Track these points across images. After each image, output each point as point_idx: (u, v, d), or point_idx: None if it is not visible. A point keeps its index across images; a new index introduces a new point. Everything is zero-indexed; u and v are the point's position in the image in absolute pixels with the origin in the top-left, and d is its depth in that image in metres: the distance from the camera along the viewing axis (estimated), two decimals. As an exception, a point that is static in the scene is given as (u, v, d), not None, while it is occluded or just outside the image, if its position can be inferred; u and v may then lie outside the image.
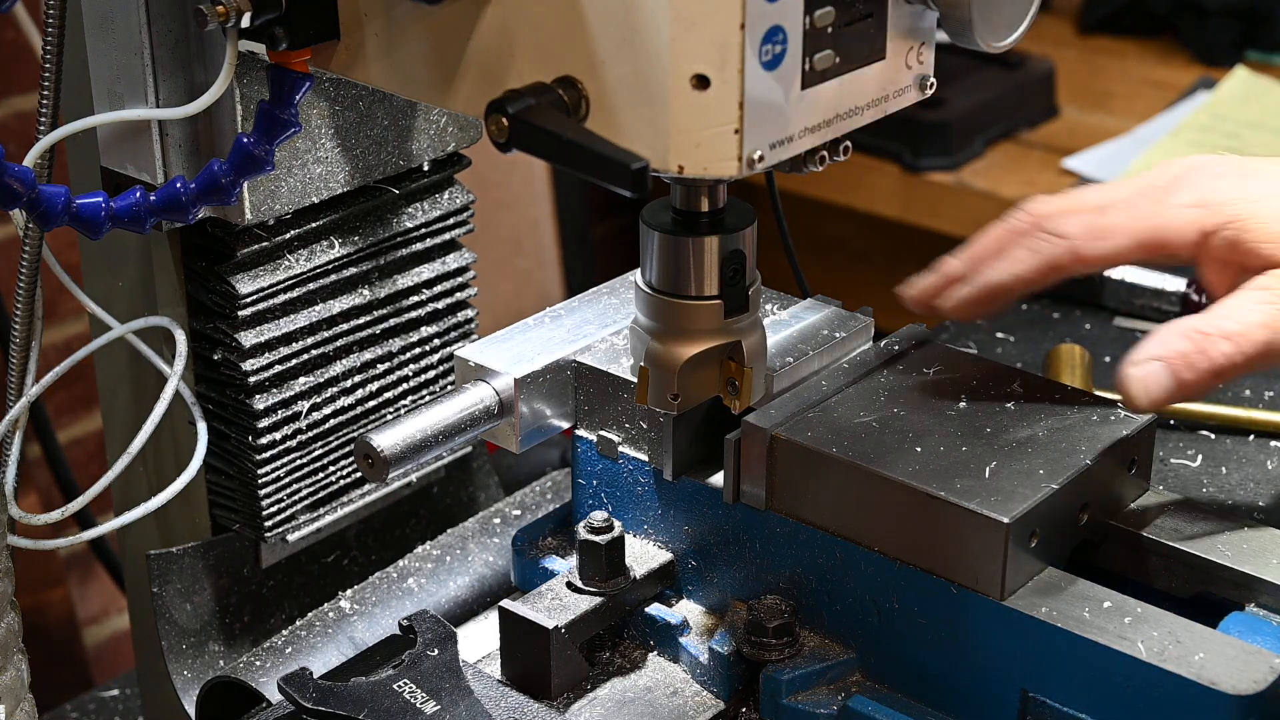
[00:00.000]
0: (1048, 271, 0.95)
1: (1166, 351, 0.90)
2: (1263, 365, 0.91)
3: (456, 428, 0.97)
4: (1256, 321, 0.90)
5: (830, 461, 0.94)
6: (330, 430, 1.10)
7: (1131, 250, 0.93)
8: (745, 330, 0.94)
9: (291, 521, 1.10)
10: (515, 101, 0.81)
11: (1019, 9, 0.89)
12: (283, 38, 0.89)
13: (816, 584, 0.97)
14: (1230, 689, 0.84)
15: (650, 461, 1.01)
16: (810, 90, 0.84)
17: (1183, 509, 0.98)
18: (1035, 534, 0.90)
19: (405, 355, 1.13)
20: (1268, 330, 0.89)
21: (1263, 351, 0.89)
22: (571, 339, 1.04)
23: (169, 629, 1.08)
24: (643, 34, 0.79)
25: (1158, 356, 0.90)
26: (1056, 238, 0.94)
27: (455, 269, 1.14)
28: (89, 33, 0.98)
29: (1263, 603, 0.93)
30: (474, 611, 1.12)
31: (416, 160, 1.09)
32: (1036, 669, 0.89)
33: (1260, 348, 0.89)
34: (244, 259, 1.03)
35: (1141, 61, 2.74)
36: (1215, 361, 0.89)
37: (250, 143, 0.91)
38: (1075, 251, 0.94)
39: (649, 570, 1.02)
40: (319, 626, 1.06)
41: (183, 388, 1.03)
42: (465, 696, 0.93)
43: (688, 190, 0.92)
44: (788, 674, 0.95)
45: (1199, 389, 0.90)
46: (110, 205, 0.91)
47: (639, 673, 1.00)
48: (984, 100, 2.47)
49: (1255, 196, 0.91)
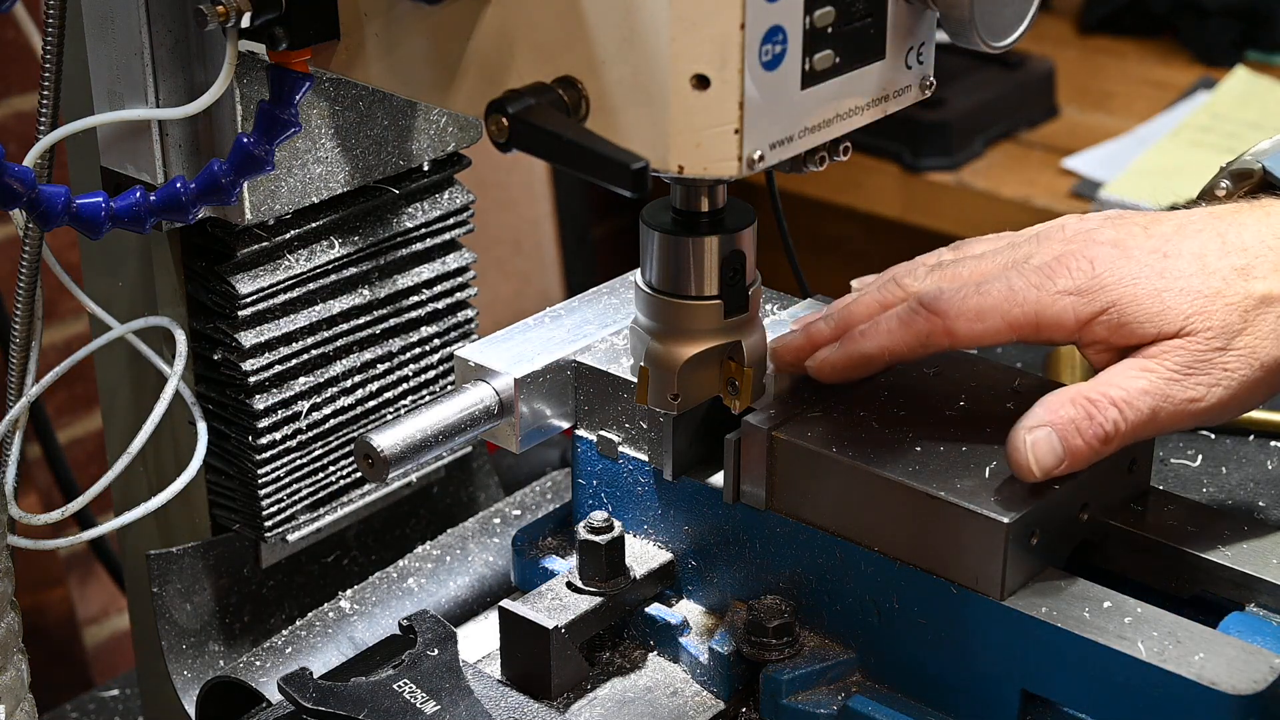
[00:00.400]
0: (919, 347, 0.94)
1: (1055, 418, 0.90)
2: (1148, 433, 0.92)
3: (456, 428, 0.97)
4: (1141, 389, 0.90)
5: (830, 461, 0.94)
6: (330, 430, 1.10)
7: (1005, 334, 0.93)
8: (745, 330, 0.94)
9: (291, 521, 1.10)
10: (515, 101, 0.81)
11: (1019, 9, 0.89)
12: (283, 38, 0.89)
13: (816, 584, 0.97)
14: (1230, 689, 0.84)
15: (650, 461, 1.01)
16: (810, 90, 0.83)
17: (1183, 509, 0.98)
18: (1035, 534, 0.90)
19: (405, 355, 1.13)
20: (1151, 398, 0.90)
21: (1148, 419, 0.90)
22: (571, 339, 1.04)
23: (169, 629, 1.08)
24: (643, 34, 0.79)
25: (1047, 423, 0.90)
26: (932, 315, 0.93)
27: (455, 269, 1.14)
28: (89, 33, 0.98)
29: (1263, 603, 0.93)
30: (474, 611, 1.12)
31: (416, 160, 1.09)
32: (1036, 669, 0.89)
33: (1146, 415, 0.90)
34: (244, 259, 1.03)
35: (1141, 61, 2.74)
36: (1103, 428, 0.90)
37: (250, 143, 0.91)
38: (950, 331, 0.93)
39: (649, 570, 1.02)
40: (319, 626, 1.06)
41: (183, 388, 1.03)
42: (465, 696, 0.93)
43: (688, 190, 0.92)
44: (788, 674, 0.94)
45: (1087, 456, 0.90)
46: (110, 205, 0.91)
47: (639, 673, 1.00)
48: (984, 100, 2.47)
49: (1131, 278, 0.92)
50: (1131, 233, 0.94)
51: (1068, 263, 0.93)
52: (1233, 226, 0.94)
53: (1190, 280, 0.92)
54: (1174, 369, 0.91)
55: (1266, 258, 0.93)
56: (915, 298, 0.94)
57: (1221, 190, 1.02)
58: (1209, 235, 0.94)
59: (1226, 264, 0.92)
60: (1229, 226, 0.94)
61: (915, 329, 0.94)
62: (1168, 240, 0.93)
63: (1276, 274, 0.92)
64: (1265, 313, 0.92)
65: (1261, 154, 1.01)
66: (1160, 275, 0.92)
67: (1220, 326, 0.91)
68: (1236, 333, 0.91)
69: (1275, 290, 0.92)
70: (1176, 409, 0.91)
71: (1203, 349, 0.91)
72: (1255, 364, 0.91)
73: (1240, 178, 1.01)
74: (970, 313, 0.93)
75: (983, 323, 0.93)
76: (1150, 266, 0.92)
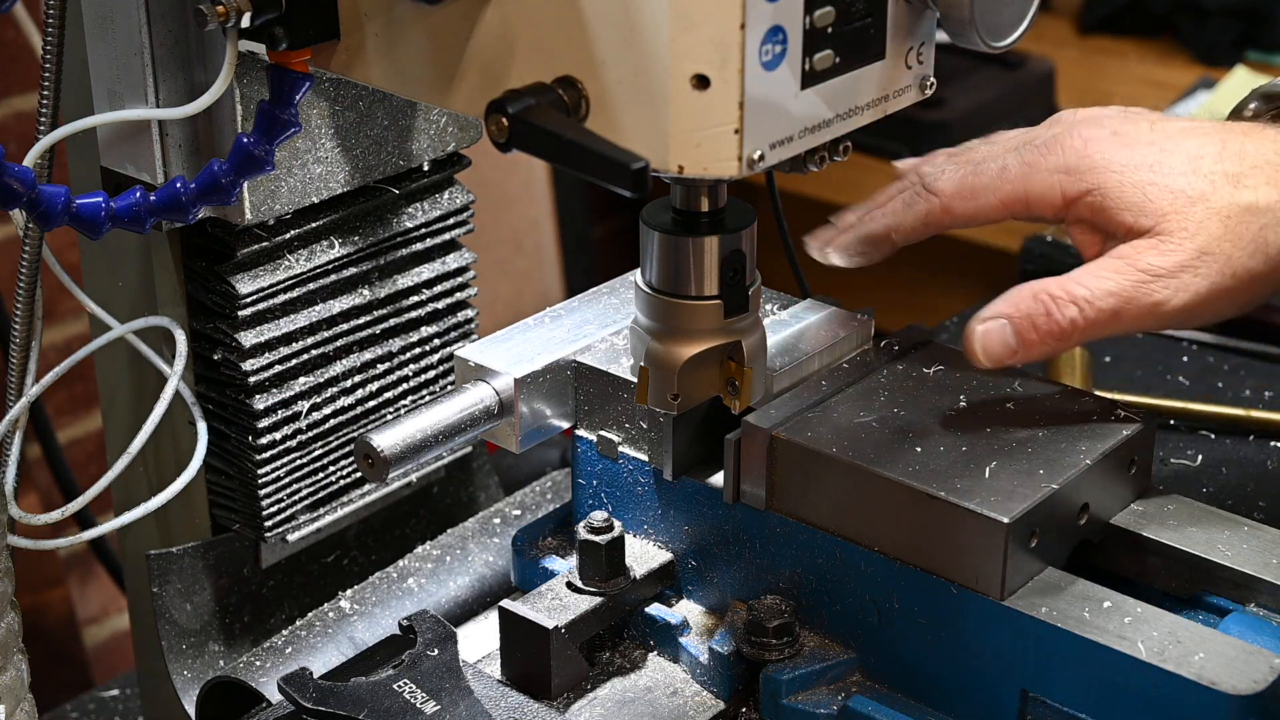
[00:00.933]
0: (921, 226, 0.99)
1: (1014, 310, 0.93)
2: (1111, 331, 0.93)
3: (456, 428, 0.97)
4: (1106, 290, 0.92)
5: (830, 461, 0.94)
6: (330, 430, 1.10)
7: (998, 210, 0.96)
8: (745, 330, 0.94)
9: (291, 521, 1.10)
10: (515, 101, 0.81)
11: (1019, 9, 0.89)
12: (283, 38, 0.89)
13: (816, 584, 0.97)
14: (1230, 689, 0.84)
15: (650, 461, 1.01)
16: (810, 90, 0.83)
17: (1183, 509, 0.98)
18: (1035, 534, 0.90)
19: (405, 355, 1.13)
20: (1116, 299, 0.92)
21: (1110, 318, 0.92)
22: (571, 339, 1.04)
23: (169, 629, 1.08)
24: (643, 34, 0.79)
25: (1004, 314, 0.93)
26: (930, 194, 0.98)
27: (455, 269, 1.14)
28: (89, 33, 0.98)
29: (1263, 603, 0.93)
30: (474, 611, 1.12)
31: (416, 160, 1.09)
32: (1036, 669, 0.89)
33: (1107, 315, 0.92)
34: (244, 259, 1.03)
35: (1141, 61, 2.74)
36: (1059, 324, 0.92)
37: (250, 143, 0.91)
38: (947, 209, 0.97)
39: (649, 570, 1.02)
40: (319, 626, 1.06)
41: (183, 388, 1.03)
42: (465, 696, 0.93)
43: (688, 190, 0.92)
44: (788, 674, 0.95)
45: (1041, 351, 0.93)
46: (110, 205, 0.91)
47: (639, 673, 1.00)
48: (984, 100, 2.47)
49: (1120, 165, 0.93)
50: (1136, 125, 0.96)
51: (1063, 141, 0.95)
52: (1238, 136, 0.95)
53: (1178, 178, 0.93)
54: (1143, 270, 0.92)
55: (1262, 170, 0.93)
56: (916, 181, 0.98)
57: (1250, 111, 1.04)
58: (1211, 140, 0.95)
59: (1220, 169, 0.93)
60: (1234, 136, 0.95)
61: (916, 209, 0.98)
62: (1168, 138, 0.95)
63: (1268, 187, 0.93)
64: (1248, 222, 0.92)
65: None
66: (1150, 168, 0.93)
67: (1196, 229, 0.91)
68: (1215, 238, 0.91)
69: (1262, 201, 0.92)
70: (1141, 310, 0.92)
71: (1175, 250, 0.91)
72: (1228, 273, 0.92)
73: (1270, 99, 1.03)
74: (965, 191, 0.96)
75: (975, 200, 0.96)
76: (1142, 157, 0.94)
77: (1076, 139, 0.95)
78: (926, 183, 0.98)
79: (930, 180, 0.98)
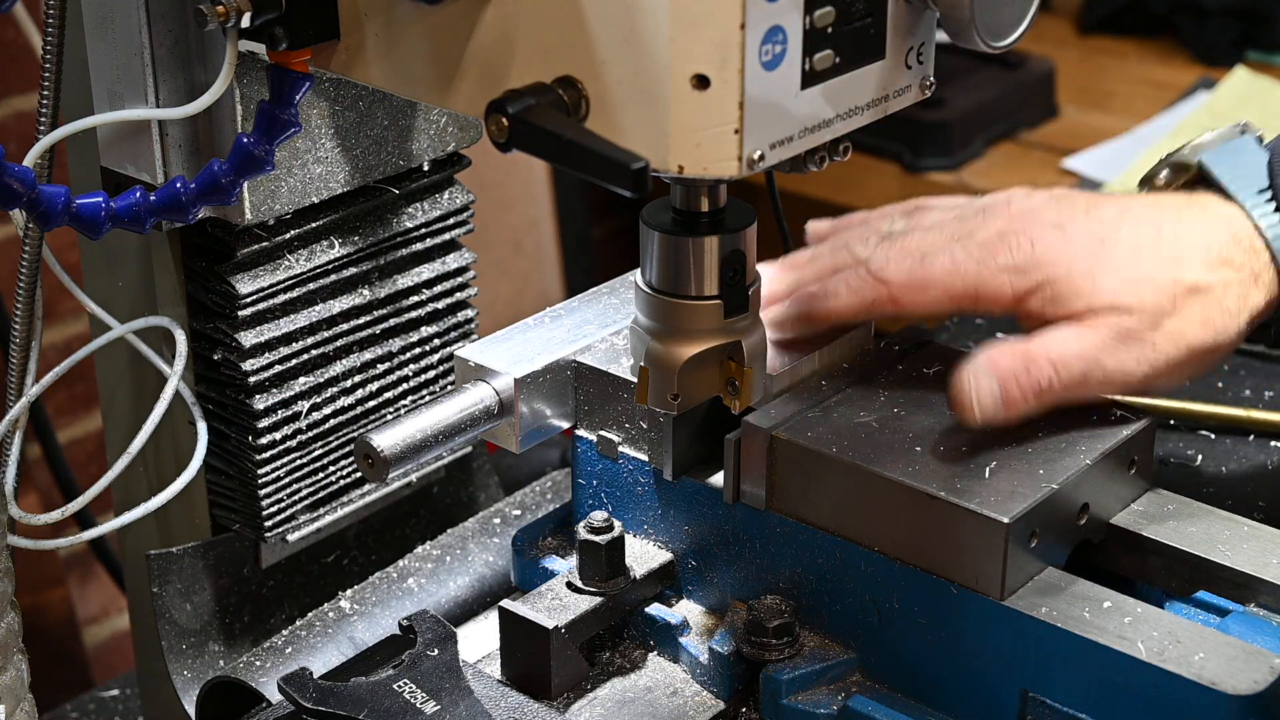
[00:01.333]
0: (863, 312, 1.00)
1: (998, 368, 0.95)
2: (1077, 395, 0.96)
3: (456, 428, 0.97)
4: (1075, 352, 0.95)
5: (830, 461, 0.94)
6: (330, 430, 1.10)
7: (946, 305, 0.98)
8: (745, 330, 0.94)
9: (291, 521, 1.10)
10: (515, 101, 0.81)
11: (1019, 9, 0.89)
12: (283, 38, 0.89)
13: (816, 584, 0.97)
14: (1230, 689, 0.84)
15: (650, 461, 1.01)
16: (810, 90, 0.83)
17: (1183, 509, 0.98)
18: (1035, 534, 0.90)
19: (405, 355, 1.13)
20: (1084, 362, 0.95)
21: (1079, 380, 0.95)
22: (571, 339, 1.04)
23: (169, 629, 1.08)
24: (643, 34, 0.79)
25: (989, 370, 0.95)
26: (879, 282, 0.98)
27: (455, 269, 1.14)
28: (89, 33, 0.97)
29: (1263, 603, 0.93)
30: (474, 611, 1.11)
31: (416, 160, 1.09)
32: (1036, 669, 0.89)
33: (1077, 377, 0.95)
34: (244, 259, 1.03)
35: (1141, 61, 2.74)
36: (1039, 383, 0.95)
37: (250, 143, 0.91)
38: (894, 299, 0.99)
39: (649, 570, 1.02)
40: (319, 626, 1.06)
41: (183, 388, 1.03)
42: (465, 696, 0.93)
43: (688, 190, 0.92)
44: (788, 674, 0.94)
45: (1021, 409, 0.95)
46: (110, 205, 0.91)
47: (639, 673, 1.00)
48: (984, 100, 2.47)
49: (1068, 258, 0.97)
50: (1074, 215, 0.99)
51: (1009, 241, 0.97)
52: (1170, 221, 0.99)
53: (1123, 264, 0.96)
54: (1106, 337, 0.95)
55: (1198, 254, 0.97)
56: (864, 265, 0.99)
57: (1161, 180, 1.06)
58: (1146, 225, 0.98)
59: (1159, 253, 0.97)
60: (1166, 220, 0.99)
61: (862, 295, 0.99)
62: (1106, 226, 0.98)
63: (1206, 269, 0.97)
64: (1193, 300, 0.96)
65: (1200, 148, 1.04)
66: (1094, 257, 0.96)
67: (1150, 306, 0.95)
68: (1165, 314, 0.96)
69: (1203, 282, 0.96)
70: (1105, 376, 0.95)
71: (1133, 323, 0.95)
72: (1182, 346, 0.96)
73: (1179, 169, 1.05)
74: (915, 283, 0.98)
75: (925, 293, 0.98)
76: (1087, 249, 0.97)
77: (1023, 239, 0.97)
78: (872, 269, 0.99)
79: (877, 268, 0.99)
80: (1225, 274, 0.97)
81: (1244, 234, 0.98)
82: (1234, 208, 1.00)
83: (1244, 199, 1.00)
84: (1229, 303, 0.97)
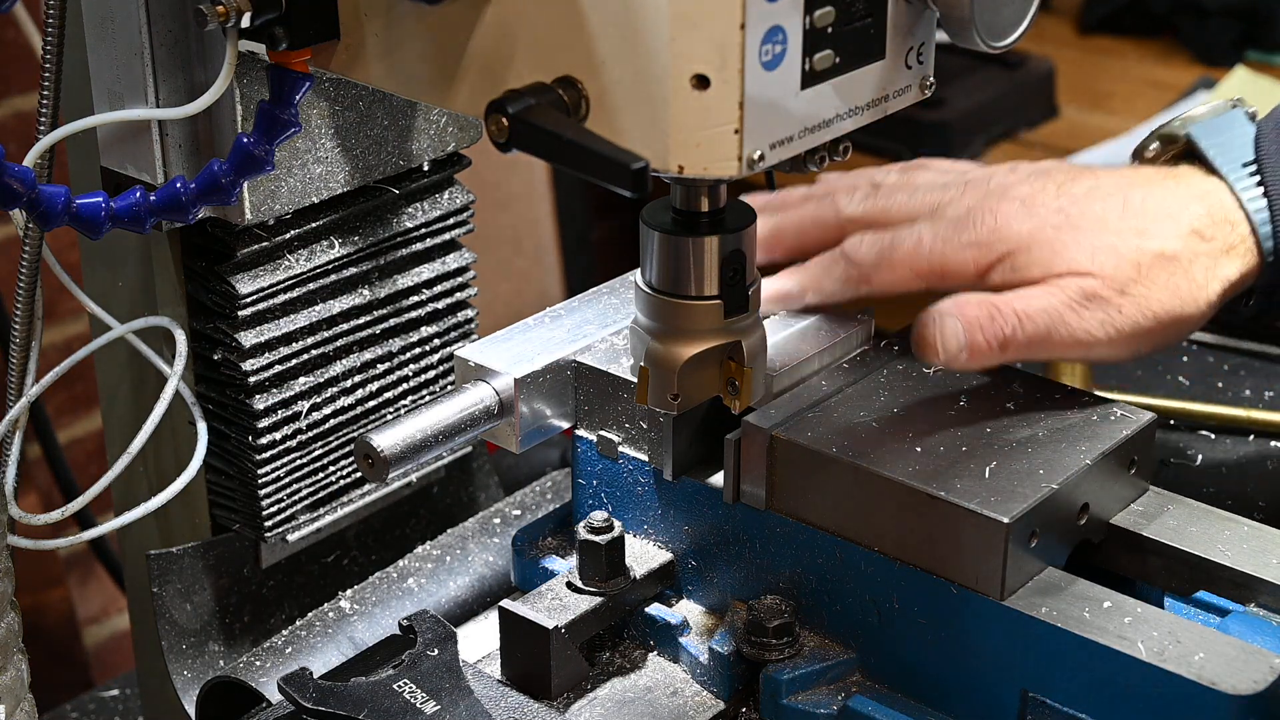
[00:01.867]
0: (840, 290, 1.03)
1: (963, 313, 0.97)
2: (1042, 353, 0.98)
3: (456, 428, 0.97)
4: (1040, 308, 0.97)
5: (830, 461, 0.94)
6: (330, 430, 1.10)
7: (913, 281, 1.01)
8: (745, 330, 0.94)
9: (291, 521, 1.10)
10: (515, 101, 0.81)
11: (1019, 9, 0.89)
12: (283, 38, 0.89)
13: (816, 584, 0.97)
14: (1230, 689, 0.84)
15: (650, 461, 1.01)
16: (810, 90, 0.83)
17: (1183, 509, 0.98)
18: (1035, 534, 0.90)
19: (405, 355, 1.13)
20: (1049, 317, 0.97)
21: (1044, 336, 0.97)
22: (571, 339, 1.04)
23: (169, 629, 1.08)
24: (643, 34, 0.79)
25: (956, 315, 0.97)
26: (851, 263, 1.02)
27: (455, 269, 1.14)
28: (89, 33, 0.97)
29: (1263, 603, 0.93)
30: (474, 611, 1.11)
31: (416, 160, 1.09)
32: (1036, 669, 0.89)
33: (1042, 332, 0.97)
34: (244, 259, 1.03)
35: (1141, 61, 2.74)
36: (1003, 331, 0.97)
37: (250, 143, 0.91)
38: (865, 278, 1.02)
39: (649, 570, 1.02)
40: (319, 626, 1.06)
41: (183, 388, 1.03)
42: (465, 696, 0.93)
43: (688, 190, 0.92)
44: (788, 674, 0.94)
45: (984, 355, 0.97)
46: (110, 205, 0.91)
47: (639, 673, 1.00)
48: (984, 100, 2.47)
49: (1030, 232, 0.99)
50: (1045, 190, 1.01)
51: (975, 216, 1.00)
52: (1139, 193, 1.01)
53: (1087, 235, 0.98)
54: (1073, 297, 0.97)
55: (1165, 225, 0.99)
56: (840, 250, 1.03)
57: (1150, 152, 1.08)
58: (1115, 200, 1.00)
59: (1125, 225, 0.99)
60: (1136, 192, 1.01)
61: (835, 275, 1.02)
62: (1075, 202, 1.00)
63: (1174, 239, 0.99)
64: (1159, 268, 0.98)
65: (1190, 120, 1.06)
66: (1058, 230, 0.99)
67: (1113, 272, 0.97)
68: (1130, 280, 0.97)
69: (1168, 250, 0.98)
70: (1069, 334, 0.97)
71: (1098, 287, 0.97)
72: (1148, 313, 0.98)
73: (1168, 141, 1.07)
74: (884, 264, 1.01)
75: (893, 272, 1.01)
76: (1050, 222, 0.99)
77: (989, 215, 1.00)
78: (845, 251, 1.02)
79: (850, 251, 1.02)
80: (1194, 244, 0.98)
81: (1221, 207, 1.00)
82: (1216, 181, 1.01)
83: (1227, 172, 1.01)
84: (1196, 273, 0.98)
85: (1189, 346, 1.46)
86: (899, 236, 1.01)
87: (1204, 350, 1.45)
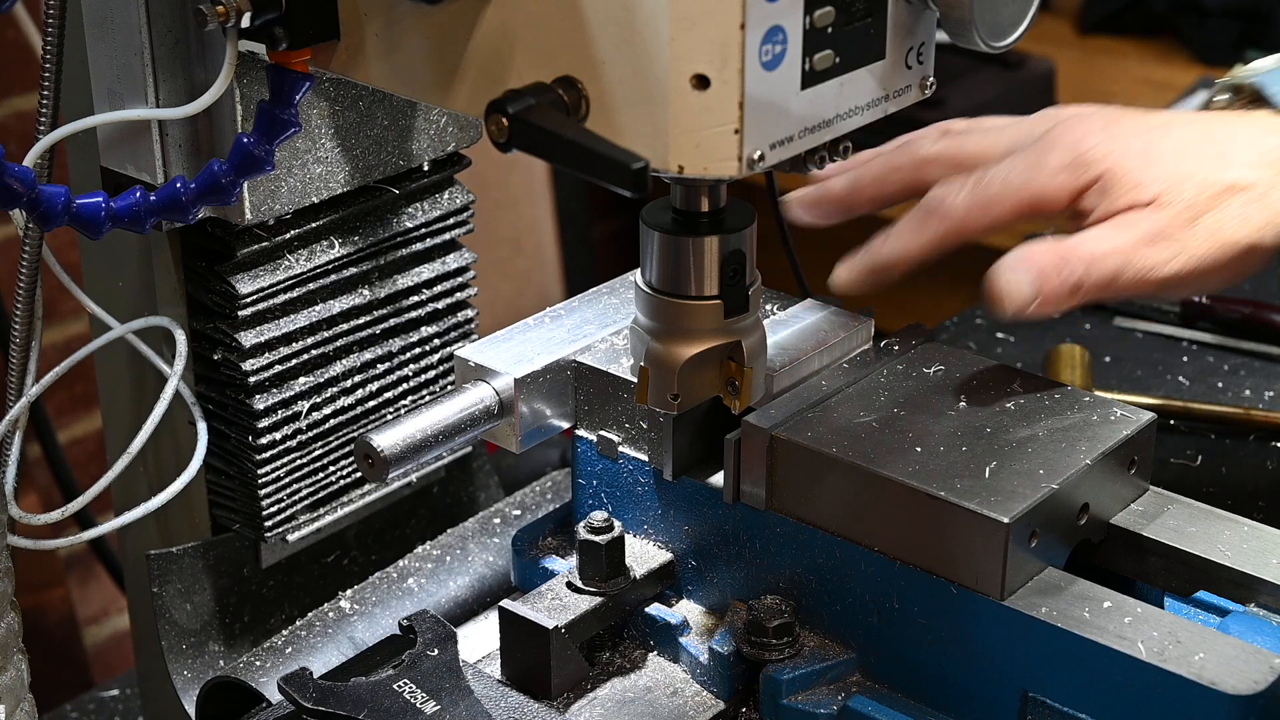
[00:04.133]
0: (936, 249, 1.01)
1: (1033, 263, 0.96)
2: (1111, 293, 0.97)
3: (456, 428, 0.97)
4: (1107, 250, 0.96)
5: (830, 461, 0.94)
6: (330, 430, 1.10)
7: (1010, 217, 1.00)
8: (745, 330, 0.94)
9: (291, 521, 1.10)
10: (515, 101, 0.81)
11: (1019, 9, 0.89)
12: (283, 38, 0.89)
13: (816, 584, 0.97)
14: (1230, 689, 0.84)
15: (650, 461, 1.01)
16: (810, 90, 0.84)
17: (1183, 509, 0.98)
18: (1035, 534, 0.90)
19: (405, 355, 1.13)
20: (1117, 258, 0.96)
21: (1112, 278, 0.96)
22: (571, 339, 1.04)
23: (169, 629, 1.08)
24: (643, 34, 0.79)
25: (1026, 264, 0.96)
26: (941, 219, 1.00)
27: (455, 269, 1.14)
28: (89, 33, 0.98)
29: (1263, 603, 0.93)
30: (474, 611, 1.12)
31: (416, 160, 1.09)
32: (1036, 669, 0.89)
33: (1110, 274, 0.96)
34: (244, 259, 1.03)
35: (1141, 61, 2.74)
36: (1074, 276, 0.96)
37: (250, 143, 0.91)
38: (961, 230, 1.00)
39: (649, 570, 1.02)
40: (319, 626, 1.06)
41: (183, 388, 1.03)
42: (465, 696, 0.93)
43: (688, 190, 0.92)
44: (788, 674, 0.95)
45: (1054, 304, 0.96)
46: (110, 205, 0.91)
47: (639, 673, 1.00)
48: (984, 100, 2.47)
49: (1118, 152, 0.99)
50: (1122, 117, 1.02)
51: (1057, 140, 1.00)
52: (1218, 123, 1.02)
53: (1169, 161, 0.98)
54: (1141, 235, 0.96)
55: (1242, 151, 0.99)
56: (922, 204, 1.01)
57: (1220, 103, 1.09)
58: (1195, 128, 1.01)
59: (1205, 152, 0.99)
60: (1215, 123, 1.02)
61: (927, 232, 1.00)
62: (1153, 128, 1.01)
63: (1249, 167, 0.98)
64: (1232, 198, 0.97)
65: (1257, 71, 1.07)
66: (1142, 153, 0.98)
67: (1188, 202, 0.97)
68: (1203, 211, 0.97)
69: (1244, 179, 0.98)
70: (1138, 274, 0.96)
71: (1169, 220, 0.96)
72: (1218, 244, 0.97)
73: (1236, 91, 1.08)
74: (979, 204, 0.99)
75: (990, 212, 0.99)
76: (1133, 143, 0.99)
77: (1070, 136, 0.99)
78: (930, 207, 1.01)
79: (935, 204, 1.00)
80: (1270, 174, 0.98)
81: None
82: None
83: None
84: (1272, 202, 0.97)
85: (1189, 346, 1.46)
86: (987, 176, 1.00)
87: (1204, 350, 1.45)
